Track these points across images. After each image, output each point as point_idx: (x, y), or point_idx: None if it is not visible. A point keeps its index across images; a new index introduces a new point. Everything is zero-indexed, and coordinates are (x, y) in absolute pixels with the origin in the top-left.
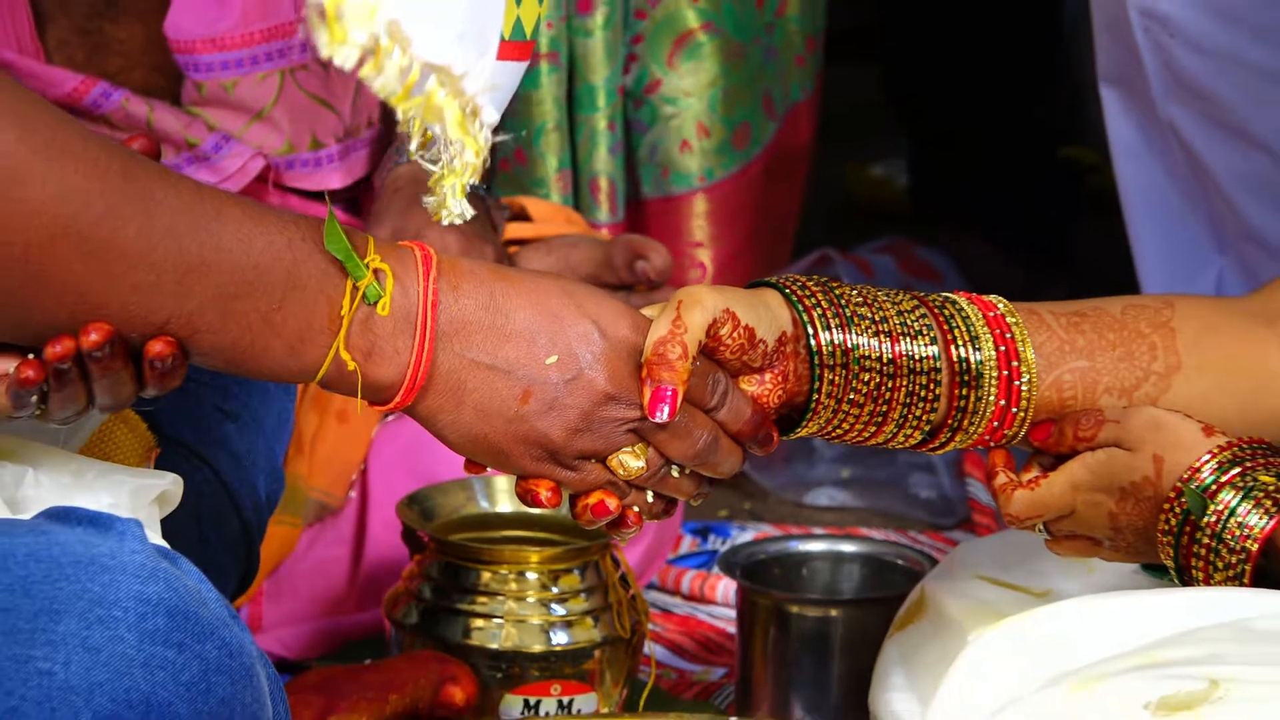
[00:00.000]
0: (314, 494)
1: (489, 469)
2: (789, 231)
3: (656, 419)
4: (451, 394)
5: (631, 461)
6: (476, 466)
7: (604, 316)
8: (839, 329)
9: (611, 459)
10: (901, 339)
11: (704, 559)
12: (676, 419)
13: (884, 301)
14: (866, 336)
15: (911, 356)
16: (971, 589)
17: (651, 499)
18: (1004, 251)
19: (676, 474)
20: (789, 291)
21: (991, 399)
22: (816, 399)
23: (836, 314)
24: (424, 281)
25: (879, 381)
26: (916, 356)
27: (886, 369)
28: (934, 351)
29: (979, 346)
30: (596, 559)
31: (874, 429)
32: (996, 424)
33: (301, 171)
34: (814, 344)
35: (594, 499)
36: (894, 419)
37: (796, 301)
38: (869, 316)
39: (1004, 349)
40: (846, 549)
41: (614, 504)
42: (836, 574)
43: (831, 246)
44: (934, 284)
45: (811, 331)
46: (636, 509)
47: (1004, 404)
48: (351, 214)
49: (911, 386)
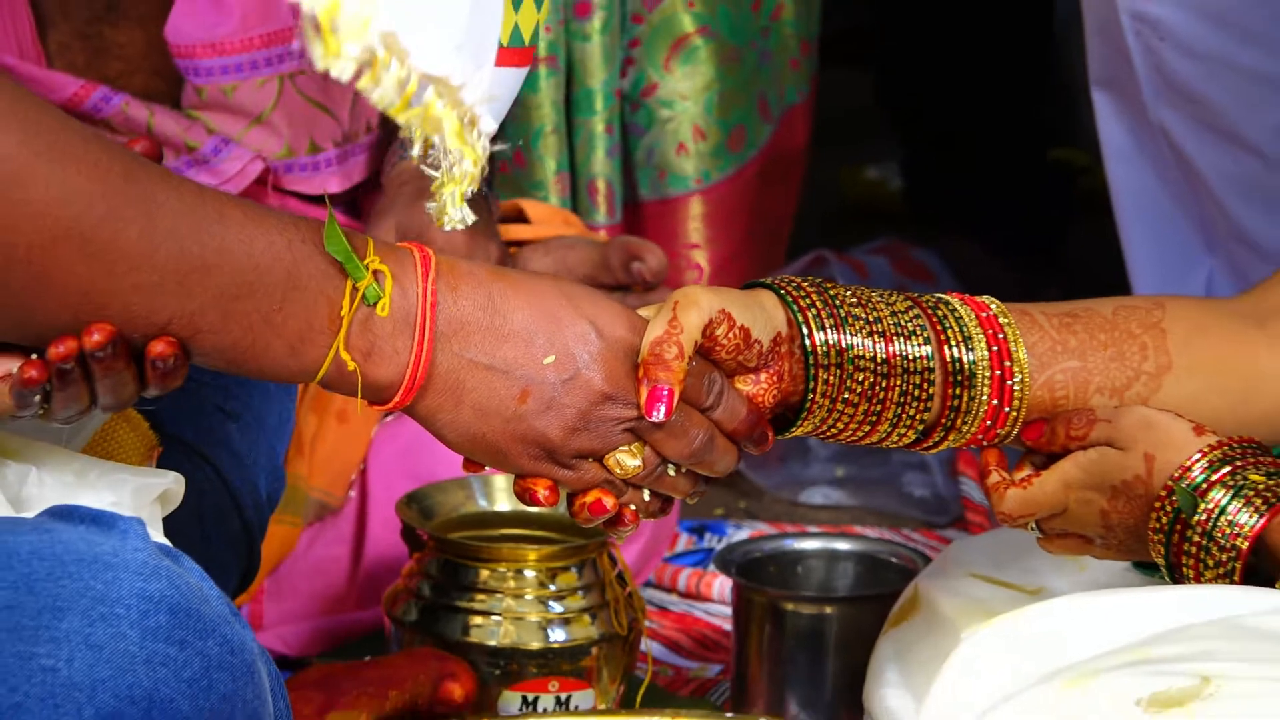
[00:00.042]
0: (314, 493)
1: (487, 468)
2: (784, 233)
3: (653, 418)
4: (450, 394)
5: (628, 460)
6: (475, 465)
7: (601, 317)
8: (833, 329)
9: (608, 458)
10: (895, 339)
11: (700, 557)
12: (673, 418)
13: (878, 302)
14: (861, 337)
15: (905, 356)
16: (965, 587)
17: (648, 497)
18: (997, 253)
19: (673, 473)
20: (784, 292)
21: (984, 399)
22: (811, 399)
23: (831, 314)
24: (423, 282)
25: (873, 381)
26: (910, 356)
27: (880, 369)
28: (927, 351)
29: (972, 347)
30: (594, 557)
31: (868, 428)
32: (989, 423)
33: (300, 175)
34: (809, 344)
35: (591, 497)
36: (888, 418)
37: (791, 302)
38: (863, 317)
39: (996, 349)
40: (841, 547)
41: (611, 502)
42: (831, 572)
43: (826, 248)
44: (927, 285)
45: (806, 332)
46: (633, 507)
47: (997, 403)
48: (351, 217)
49: (905, 386)
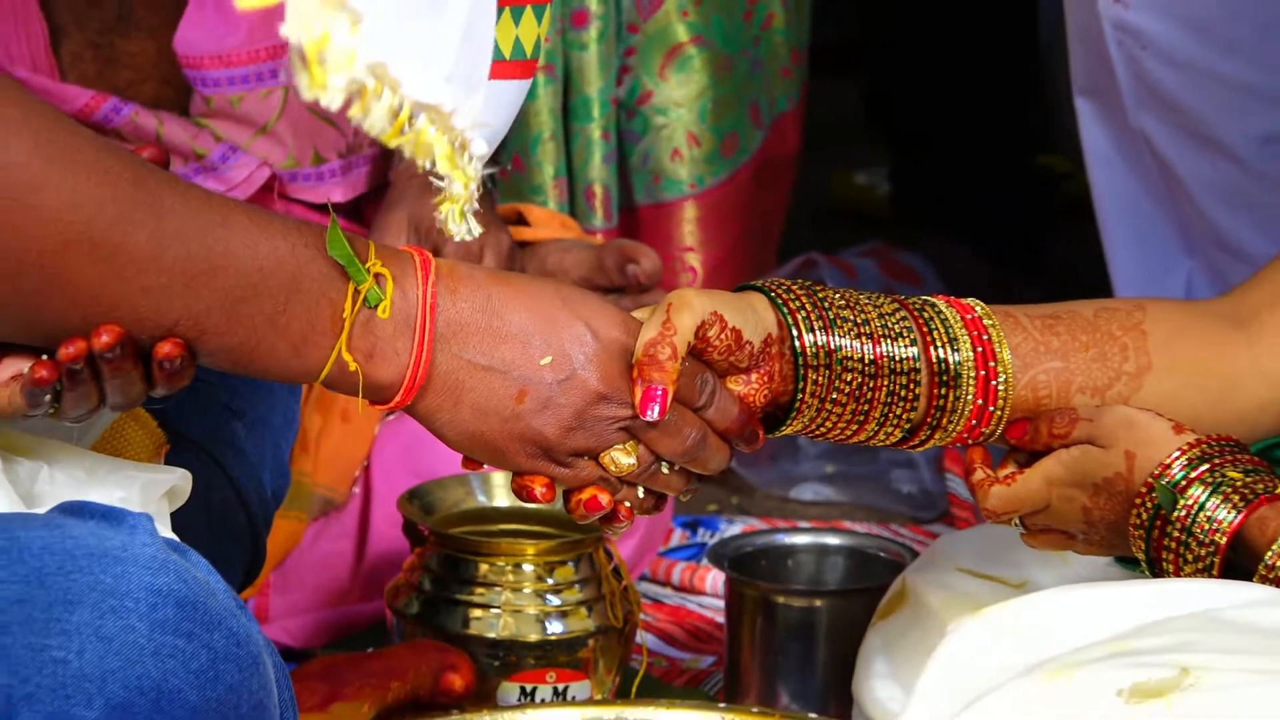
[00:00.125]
0: (319, 490)
1: (486, 465)
2: (775, 236)
3: (647, 417)
4: (449, 393)
5: (623, 458)
6: (474, 463)
7: (596, 319)
8: (822, 331)
9: (604, 456)
10: (882, 340)
11: (693, 551)
12: (666, 418)
13: (866, 304)
14: (849, 338)
15: (892, 357)
16: (951, 580)
17: (642, 494)
18: (982, 256)
19: (666, 470)
20: (774, 295)
21: (969, 398)
22: (801, 398)
23: (820, 316)
24: (423, 285)
25: (861, 381)
26: (897, 357)
27: (868, 369)
28: (914, 353)
29: (957, 348)
30: (590, 551)
31: (856, 427)
32: (974, 422)
33: (304, 185)
34: (798, 345)
35: (587, 494)
36: (875, 418)
37: (782, 305)
38: (851, 319)
39: (981, 350)
40: (831, 541)
41: (606, 499)
42: (821, 566)
43: (816, 250)
44: (914, 287)
45: (796, 333)
46: (628, 504)
47: (981, 403)
48: (354, 223)
49: (892, 386)
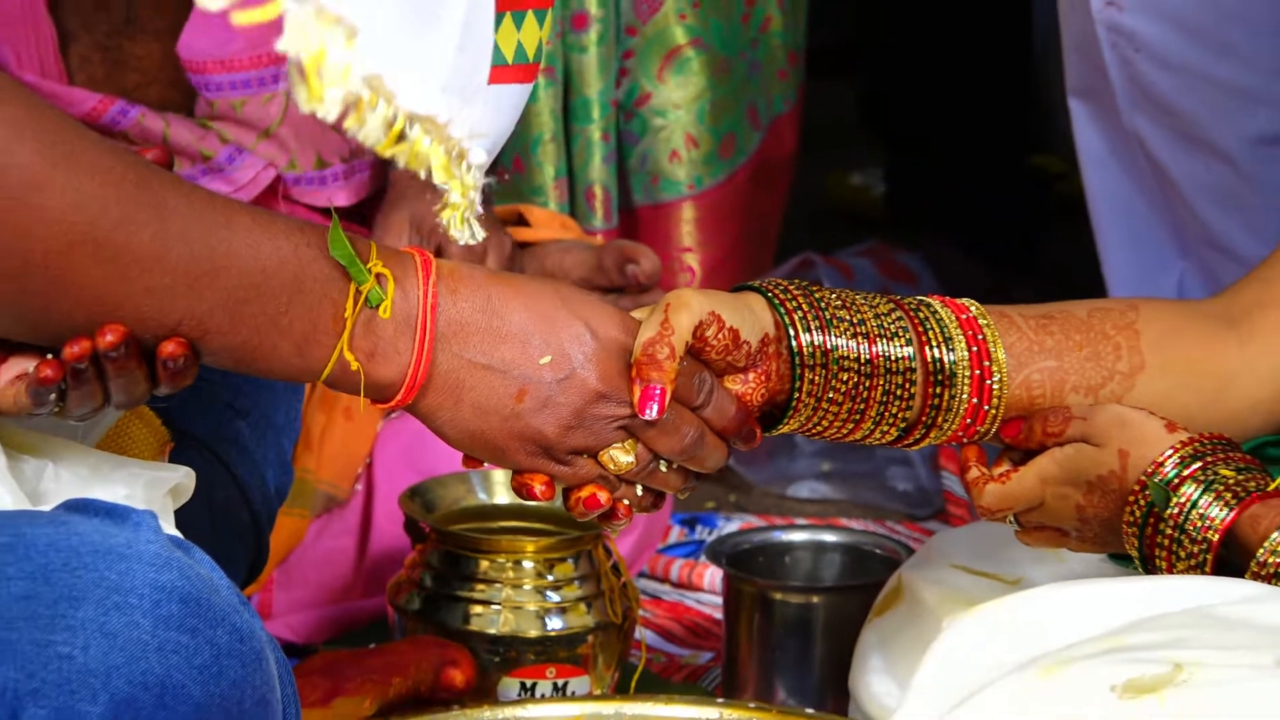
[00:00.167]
0: (322, 486)
1: (486, 464)
2: (773, 236)
3: (646, 416)
4: (450, 392)
5: (622, 457)
6: (474, 461)
7: (595, 318)
8: (819, 331)
9: (603, 454)
10: (878, 340)
11: (692, 548)
12: (665, 416)
13: (862, 305)
14: (845, 338)
15: (888, 357)
16: (946, 577)
17: (641, 492)
18: (976, 256)
19: (665, 469)
20: (771, 295)
21: (964, 397)
22: (797, 397)
23: (816, 316)
24: (424, 286)
25: (857, 381)
26: (893, 357)
27: (864, 369)
28: (909, 352)
29: (952, 347)
30: (589, 548)
31: (852, 426)
32: (969, 421)
33: (307, 189)
34: (795, 345)
35: (586, 492)
36: (871, 416)
37: (779, 305)
38: (847, 319)
39: (976, 349)
40: (827, 538)
41: (605, 497)
42: (818, 562)
43: (813, 251)
44: (910, 287)
45: (793, 333)
46: (626, 502)
47: (976, 402)
48: (358, 226)
49: (888, 385)
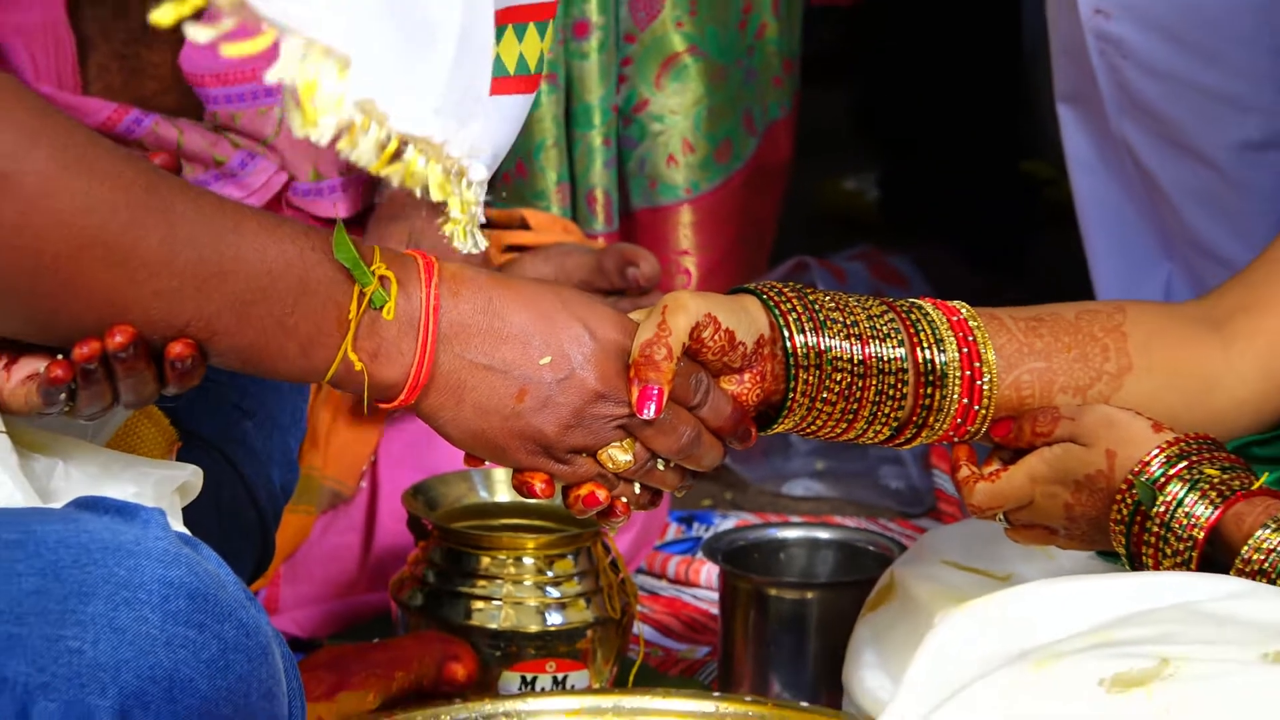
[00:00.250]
0: (327, 483)
1: (487, 462)
2: (768, 240)
3: (643, 416)
4: (452, 392)
5: (620, 455)
6: (476, 460)
7: (594, 320)
8: (813, 332)
9: (601, 453)
10: (871, 341)
11: (689, 545)
12: (662, 416)
13: (855, 306)
14: (838, 339)
15: (880, 358)
16: (938, 573)
17: (639, 490)
18: (967, 259)
19: (662, 467)
20: (766, 297)
21: (955, 397)
22: (792, 397)
23: (811, 318)
24: (426, 288)
25: (850, 381)
26: (885, 358)
27: (857, 369)
28: (901, 353)
29: (943, 349)
30: (588, 545)
31: (845, 425)
32: (960, 421)
33: (304, 199)
34: (790, 346)
35: (585, 490)
36: (864, 416)
37: (773, 306)
38: (841, 320)
39: (967, 351)
40: (821, 536)
41: (604, 495)
42: (812, 559)
43: (807, 254)
44: (902, 289)
45: (787, 334)
46: (625, 499)
47: (967, 402)
48: (358, 232)
49: (880, 386)
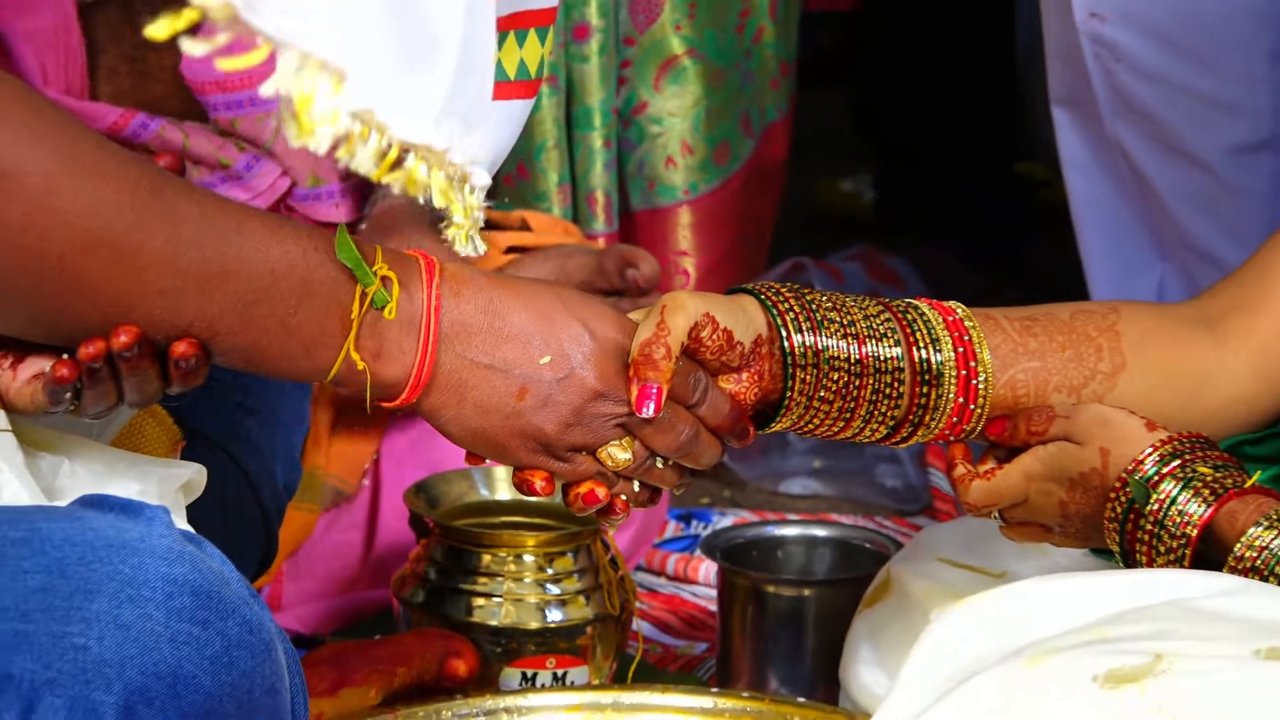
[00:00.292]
0: (330, 481)
1: (488, 460)
2: (765, 241)
3: (643, 414)
4: (453, 391)
5: (619, 454)
6: (477, 458)
7: (593, 320)
8: (810, 332)
9: (601, 451)
10: (868, 341)
11: (687, 543)
12: (661, 415)
13: (851, 307)
14: (835, 339)
15: (877, 357)
16: (933, 570)
17: (638, 488)
18: (962, 260)
19: (661, 465)
20: (764, 297)
21: (951, 396)
22: (790, 396)
23: (808, 318)
24: (428, 288)
25: (847, 380)
26: (881, 357)
27: (854, 369)
28: (897, 353)
29: (939, 348)
30: (588, 543)
31: (842, 424)
32: (955, 419)
33: (304, 204)
34: (787, 346)
35: (585, 488)
36: (861, 415)
37: (771, 306)
38: (838, 320)
39: (962, 350)
40: (818, 533)
41: (603, 493)
42: (809, 556)
43: (805, 255)
44: (898, 290)
45: (785, 334)
46: (624, 497)
47: (962, 401)
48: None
49: (877, 385)
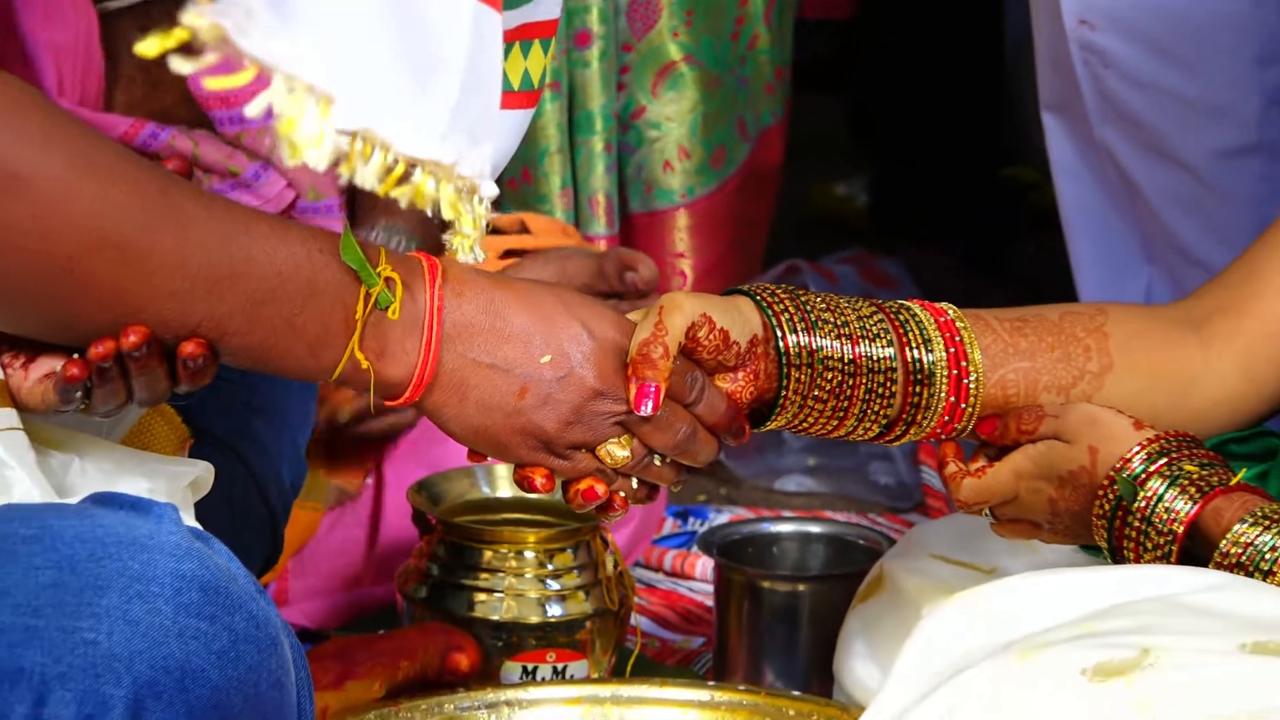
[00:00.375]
0: (334, 480)
1: (490, 458)
2: (761, 243)
3: (641, 413)
4: (455, 390)
5: (618, 451)
6: (478, 456)
7: (592, 320)
8: (805, 332)
9: (600, 449)
10: (861, 341)
11: (684, 539)
12: (659, 413)
13: (845, 307)
14: (829, 339)
15: (870, 357)
16: (926, 566)
17: (636, 485)
18: (954, 262)
19: (659, 463)
20: (760, 298)
21: (942, 396)
22: (784, 395)
23: (803, 319)
24: (431, 289)
25: (840, 380)
26: (874, 357)
27: (847, 369)
28: (890, 353)
29: (931, 349)
30: (588, 539)
31: (836, 423)
32: (947, 418)
33: (304, 217)
34: (782, 346)
35: (584, 485)
36: (854, 414)
37: (766, 307)
38: (832, 321)
39: (954, 351)
40: (813, 530)
41: (602, 490)
42: (804, 553)
43: (799, 257)
44: (891, 291)
45: (780, 334)
46: (623, 494)
47: (954, 400)
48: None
49: (870, 384)
